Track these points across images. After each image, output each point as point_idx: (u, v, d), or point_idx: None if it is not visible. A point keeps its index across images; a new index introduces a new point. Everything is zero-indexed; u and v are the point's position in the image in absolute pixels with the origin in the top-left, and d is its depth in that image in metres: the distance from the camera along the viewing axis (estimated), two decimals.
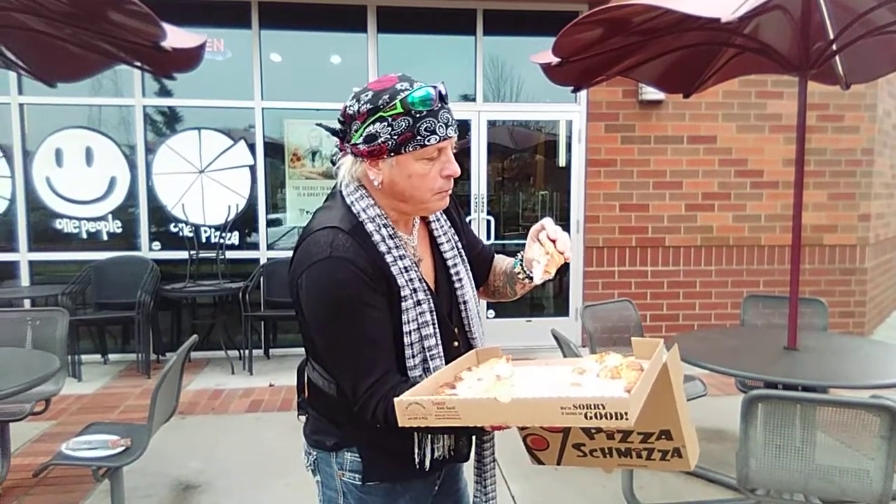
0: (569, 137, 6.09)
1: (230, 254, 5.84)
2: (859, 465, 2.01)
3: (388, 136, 1.19)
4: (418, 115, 1.18)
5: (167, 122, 5.85)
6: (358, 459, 1.30)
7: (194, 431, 4.06)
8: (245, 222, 5.89)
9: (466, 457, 1.41)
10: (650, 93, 5.67)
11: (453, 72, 5.98)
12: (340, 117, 1.26)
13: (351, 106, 1.23)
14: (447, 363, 1.25)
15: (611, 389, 1.00)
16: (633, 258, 6.07)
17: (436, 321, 1.28)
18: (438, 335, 1.28)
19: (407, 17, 5.90)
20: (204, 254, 5.73)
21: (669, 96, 5.60)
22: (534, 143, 6.45)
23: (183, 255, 5.70)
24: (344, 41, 5.98)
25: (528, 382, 1.13)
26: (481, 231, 5.95)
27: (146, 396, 3.60)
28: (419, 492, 1.37)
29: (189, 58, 3.15)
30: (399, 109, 1.18)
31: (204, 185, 5.81)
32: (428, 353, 1.26)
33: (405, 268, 1.25)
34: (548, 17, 5.87)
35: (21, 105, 5.56)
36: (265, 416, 4.35)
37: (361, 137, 1.21)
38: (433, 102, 1.19)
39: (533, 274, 1.29)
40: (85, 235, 5.70)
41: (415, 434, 1.27)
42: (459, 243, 1.43)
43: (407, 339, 1.24)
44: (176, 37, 2.94)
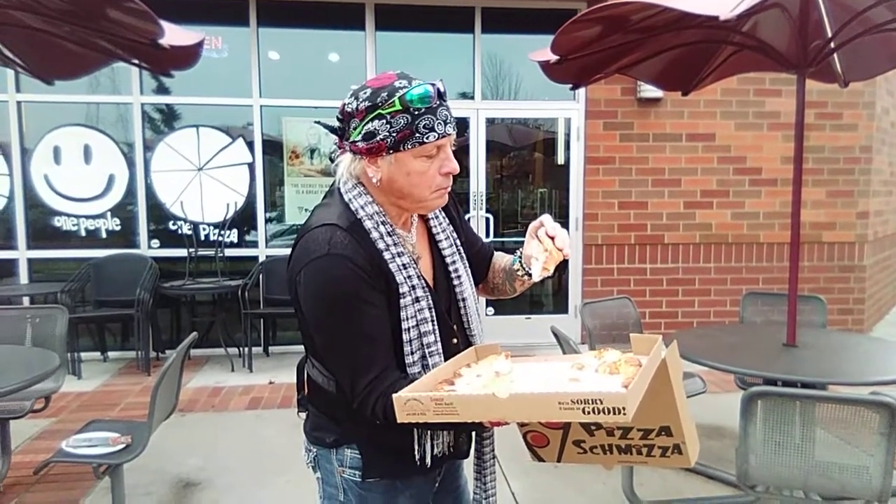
0: (567, 135, 6.09)
1: (229, 251, 5.84)
2: (859, 462, 2.01)
3: (387, 134, 1.19)
4: (417, 113, 1.18)
5: (165, 120, 5.84)
6: (358, 456, 1.30)
7: (194, 429, 4.07)
8: (244, 220, 5.89)
9: (466, 453, 1.41)
10: (649, 90, 5.66)
11: (452, 69, 5.98)
12: (339, 115, 1.26)
13: (349, 103, 1.22)
14: (446, 360, 1.25)
15: (609, 385, 1.00)
16: (632, 255, 6.07)
17: (434, 318, 1.28)
18: (437, 332, 1.28)
19: (405, 15, 5.89)
20: (203, 251, 5.73)
21: (668, 94, 5.59)
22: (532, 141, 6.45)
23: (182, 253, 5.70)
24: (342, 39, 5.98)
25: (527, 378, 1.13)
26: (480, 228, 5.95)
27: (146, 394, 3.60)
28: (419, 488, 1.37)
29: (187, 55, 3.15)
30: (398, 107, 1.18)
31: (202, 183, 5.81)
32: (427, 350, 1.26)
33: (403, 265, 1.25)
34: (546, 15, 5.86)
35: (19, 103, 5.55)
36: (265, 414, 4.35)
37: (360, 135, 1.21)
38: (432, 100, 1.19)
39: (532, 271, 1.29)
40: (84, 233, 5.70)
41: (414, 430, 1.27)
42: (458, 241, 1.43)
43: (406, 336, 1.24)
44: (174, 34, 2.93)
